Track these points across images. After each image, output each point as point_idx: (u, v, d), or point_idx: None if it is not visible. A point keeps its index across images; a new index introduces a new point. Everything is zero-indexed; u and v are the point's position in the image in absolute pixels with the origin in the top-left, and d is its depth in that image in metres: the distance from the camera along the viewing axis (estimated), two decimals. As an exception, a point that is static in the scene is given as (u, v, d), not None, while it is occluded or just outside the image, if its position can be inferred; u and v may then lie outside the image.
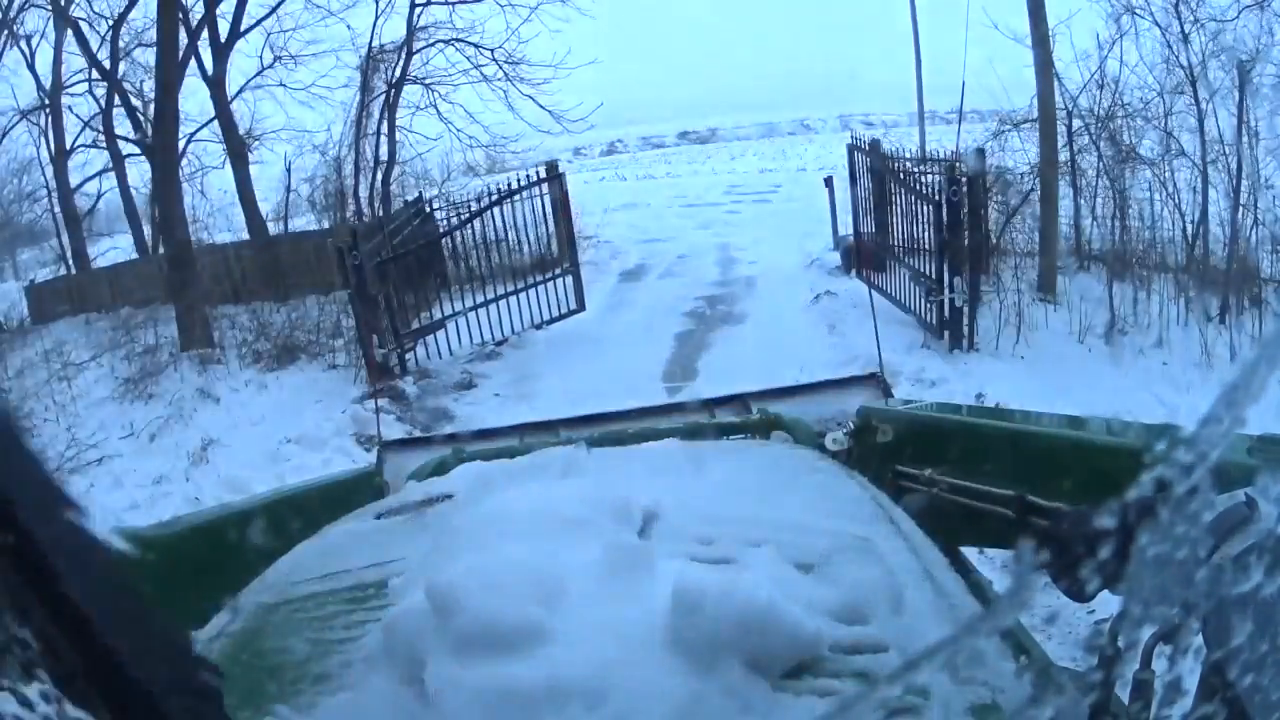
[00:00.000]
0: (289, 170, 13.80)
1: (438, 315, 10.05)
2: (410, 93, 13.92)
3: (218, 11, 12.92)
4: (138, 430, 8.59)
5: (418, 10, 13.54)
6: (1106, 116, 10.31)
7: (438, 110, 13.84)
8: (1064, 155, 10.29)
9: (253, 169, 13.50)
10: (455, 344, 9.76)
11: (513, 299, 10.04)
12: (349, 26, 13.41)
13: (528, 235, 10.78)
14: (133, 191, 14.83)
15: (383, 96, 13.82)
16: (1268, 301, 9.11)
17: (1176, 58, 10.02)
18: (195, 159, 14.07)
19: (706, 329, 10.33)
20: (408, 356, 9.48)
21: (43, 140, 14.53)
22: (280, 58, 13.53)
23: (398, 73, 13.73)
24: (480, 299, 10.00)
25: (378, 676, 1.18)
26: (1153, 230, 10.11)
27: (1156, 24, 10.12)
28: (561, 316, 10.41)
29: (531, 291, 10.22)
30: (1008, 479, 2.16)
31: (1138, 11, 10.18)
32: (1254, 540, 0.78)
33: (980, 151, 9.56)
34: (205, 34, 12.86)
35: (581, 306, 10.58)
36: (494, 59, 13.56)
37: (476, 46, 13.57)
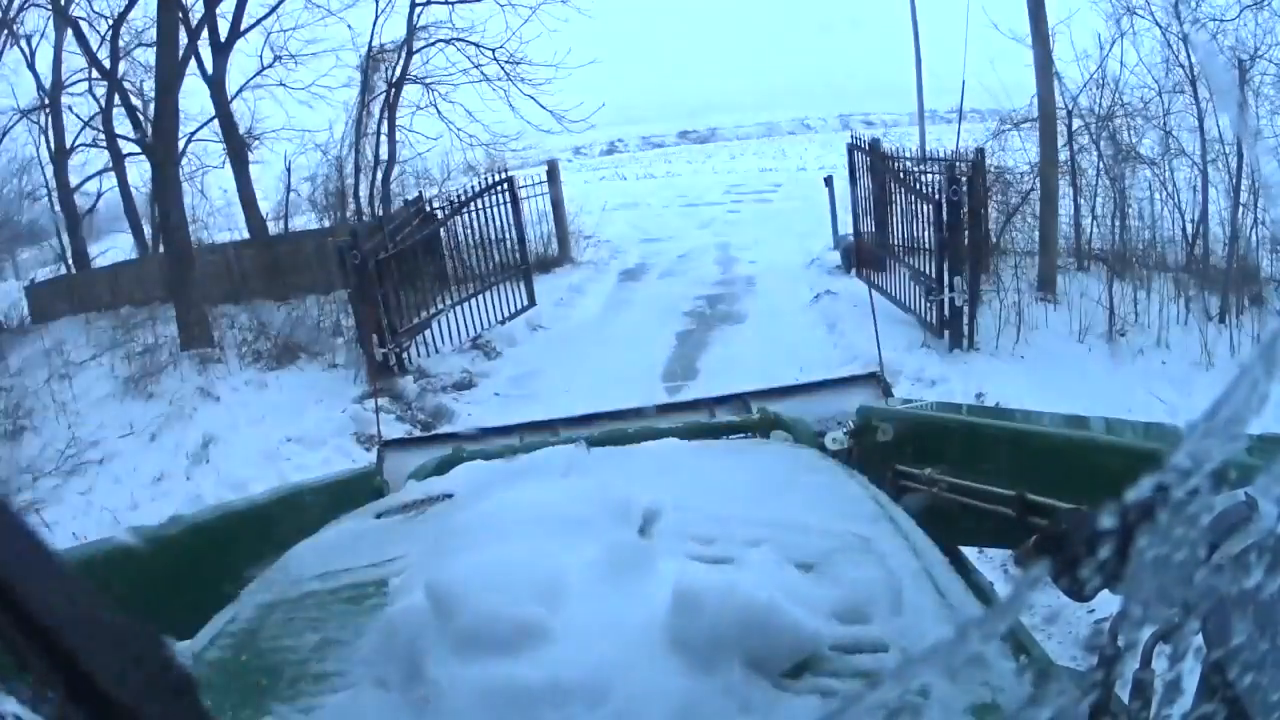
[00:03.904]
0: (289, 170, 13.81)
1: (429, 314, 10.21)
2: (410, 92, 13.92)
3: (218, 11, 12.90)
4: (138, 429, 8.60)
5: (418, 10, 13.54)
6: (1106, 116, 10.31)
7: (438, 110, 13.83)
8: (1064, 155, 10.29)
9: (253, 169, 13.48)
10: (440, 342, 9.95)
11: (479, 297, 10.53)
12: (349, 26, 13.40)
13: (497, 235, 11.27)
14: (133, 191, 14.83)
15: (383, 96, 13.82)
16: (1268, 301, 9.11)
17: (1176, 57, 10.03)
18: (195, 159, 14.06)
19: (707, 328, 10.33)
20: (404, 355, 9.52)
21: (43, 140, 14.53)
22: (280, 57, 13.51)
23: (398, 72, 13.72)
24: (452, 299, 10.39)
25: (378, 676, 1.18)
26: (1153, 230, 10.12)
27: (1157, 24, 10.13)
28: (518, 313, 10.95)
29: (495, 291, 10.76)
30: (1008, 478, 2.16)
31: (1138, 11, 10.19)
32: (1254, 539, 0.78)
33: (980, 151, 9.56)
34: (205, 33, 12.84)
35: (532, 302, 11.22)
36: (494, 59, 13.55)
37: (477, 46, 13.56)
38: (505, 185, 11.35)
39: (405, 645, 1.15)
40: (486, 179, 11.57)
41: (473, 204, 10.96)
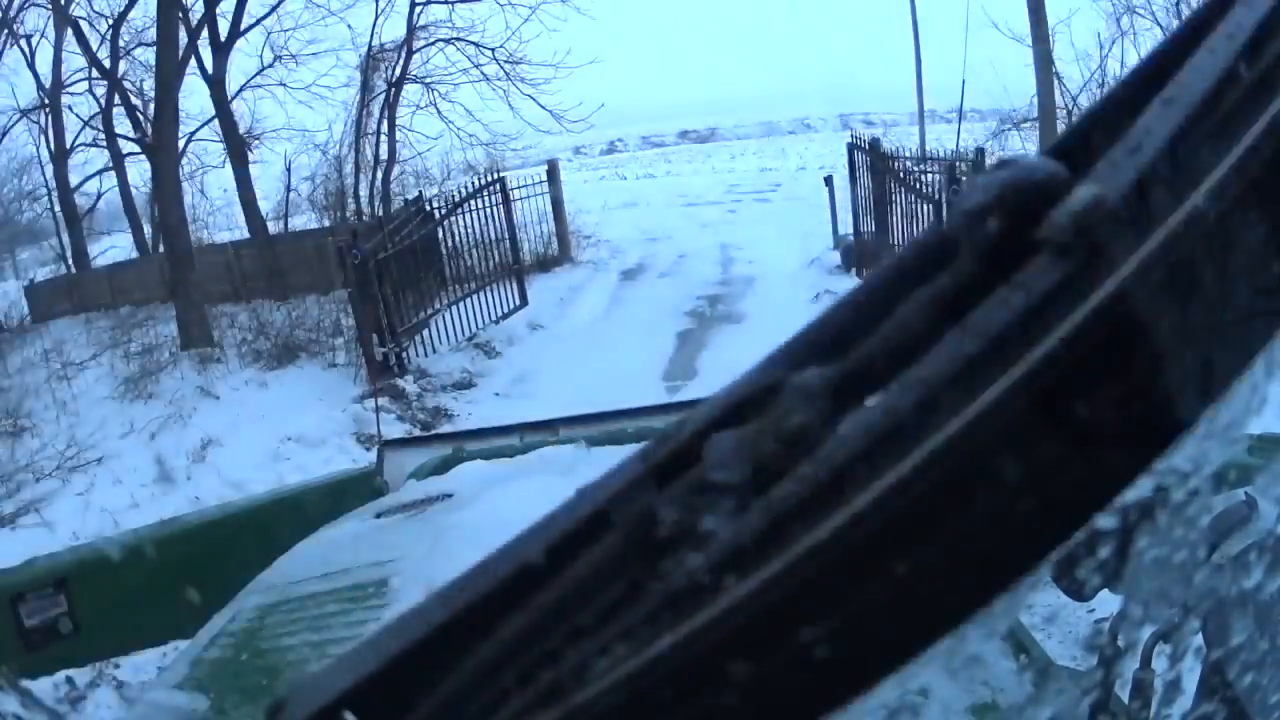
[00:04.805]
0: (289, 169, 13.83)
1: (427, 314, 10.25)
2: (410, 92, 13.94)
3: (218, 10, 12.92)
4: (138, 429, 8.60)
5: (417, 9, 13.55)
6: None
7: (438, 109, 13.86)
8: (1064, 154, 10.29)
9: (253, 168, 13.51)
10: (437, 341, 9.99)
11: (473, 298, 10.54)
12: (349, 26, 13.42)
13: (494, 236, 11.36)
14: (133, 191, 14.84)
15: (383, 95, 13.83)
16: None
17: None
18: (195, 158, 14.09)
19: (707, 328, 10.33)
20: (404, 355, 9.54)
21: (43, 139, 14.55)
22: (280, 57, 13.54)
23: (398, 72, 13.74)
24: (448, 299, 10.44)
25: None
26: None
27: (1157, 23, 10.14)
28: (510, 313, 10.93)
29: (488, 291, 10.78)
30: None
31: (1138, 11, 10.20)
32: (1254, 539, 0.78)
33: (980, 151, 9.57)
34: (205, 33, 12.86)
35: (524, 302, 11.18)
36: (494, 58, 13.57)
37: (477, 46, 13.58)
38: (497, 186, 11.40)
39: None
40: (479, 180, 11.62)
41: (465, 205, 10.99)
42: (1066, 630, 3.70)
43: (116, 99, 13.78)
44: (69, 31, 13.27)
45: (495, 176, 11.66)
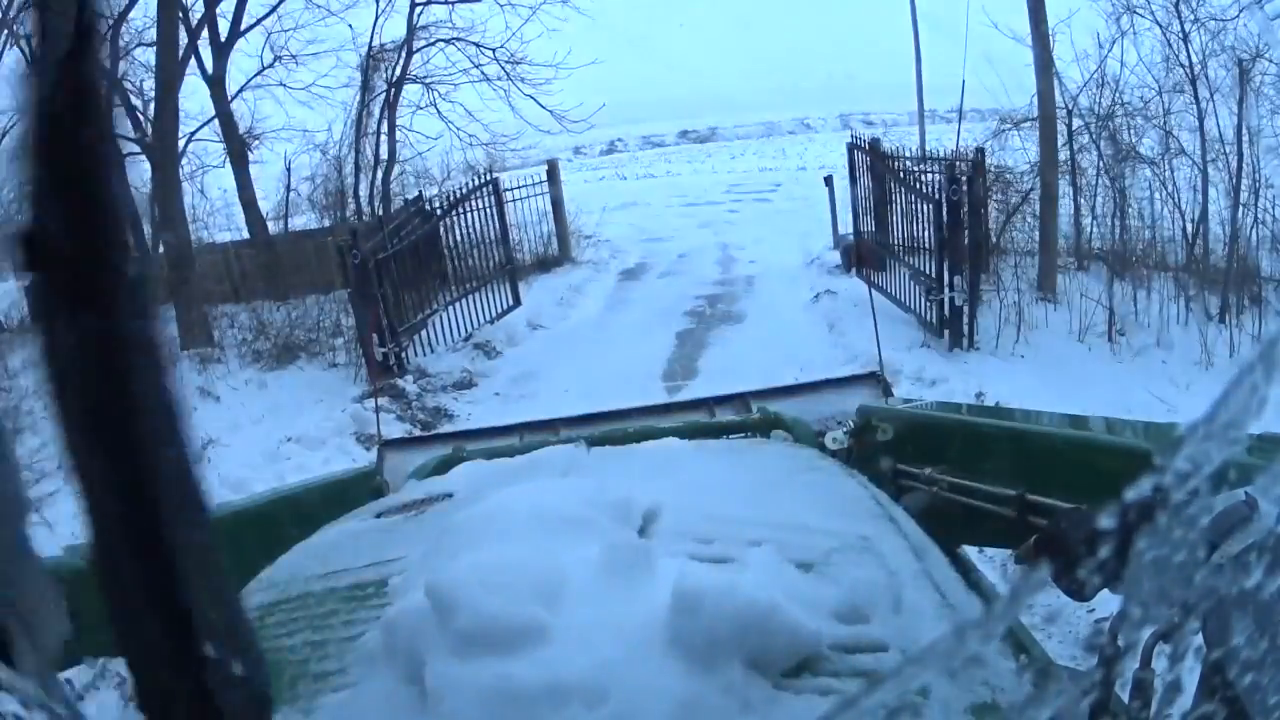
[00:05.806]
0: (289, 169, 13.80)
1: (424, 315, 10.28)
2: (410, 92, 13.92)
3: (218, 11, 12.91)
4: (138, 429, 8.58)
5: (417, 9, 13.54)
6: (1106, 115, 10.31)
7: (438, 109, 13.85)
8: (1064, 154, 10.29)
9: (253, 168, 13.48)
10: (435, 341, 10.03)
11: (467, 299, 10.57)
12: (349, 26, 13.40)
13: (492, 237, 11.42)
14: (133, 191, 14.81)
15: (383, 96, 13.82)
16: (1268, 301, 9.11)
17: (1176, 57, 10.02)
18: (195, 158, 14.06)
19: (706, 328, 10.33)
20: (404, 355, 9.55)
21: (42, 139, 14.53)
22: (280, 57, 13.51)
23: (398, 72, 13.72)
24: (443, 300, 10.49)
25: (378, 675, 1.18)
26: (1153, 229, 10.12)
27: (1157, 23, 10.13)
28: (503, 313, 10.96)
29: (481, 292, 10.81)
30: (1008, 478, 2.16)
31: (1138, 11, 10.19)
32: (1254, 539, 0.78)
33: (980, 151, 9.57)
34: (205, 33, 12.85)
35: (517, 302, 11.20)
36: (495, 58, 13.56)
37: (477, 46, 13.57)
38: (490, 187, 11.41)
39: (405, 645, 1.15)
40: (472, 181, 11.66)
41: (461, 205, 11.00)
42: (1066, 630, 3.71)
43: (116, 99, 13.76)
44: (69, 31, 13.25)
45: (489, 177, 11.69)
